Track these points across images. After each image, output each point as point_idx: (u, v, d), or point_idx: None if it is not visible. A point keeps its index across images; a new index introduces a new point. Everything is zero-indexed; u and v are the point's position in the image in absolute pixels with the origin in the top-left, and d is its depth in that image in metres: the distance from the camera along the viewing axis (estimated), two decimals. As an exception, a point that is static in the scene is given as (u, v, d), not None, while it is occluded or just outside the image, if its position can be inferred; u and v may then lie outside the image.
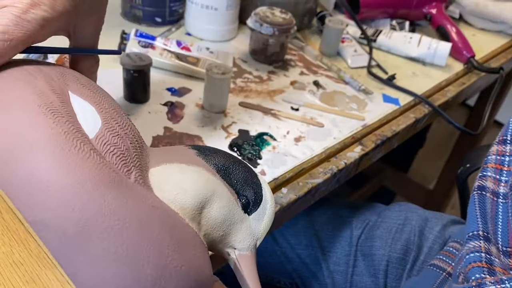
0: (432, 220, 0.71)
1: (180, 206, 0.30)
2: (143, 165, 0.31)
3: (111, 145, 0.30)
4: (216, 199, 0.32)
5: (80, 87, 0.33)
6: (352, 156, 0.64)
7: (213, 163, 0.33)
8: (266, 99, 0.71)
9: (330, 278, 0.71)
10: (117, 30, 0.76)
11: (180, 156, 0.33)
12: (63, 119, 0.28)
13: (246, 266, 0.33)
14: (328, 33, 0.84)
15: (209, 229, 0.32)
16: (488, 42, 1.02)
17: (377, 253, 0.69)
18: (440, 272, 0.60)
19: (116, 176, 0.28)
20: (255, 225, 0.34)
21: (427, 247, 0.68)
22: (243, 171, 0.34)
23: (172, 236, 0.28)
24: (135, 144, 0.31)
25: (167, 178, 0.31)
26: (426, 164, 1.79)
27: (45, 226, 0.26)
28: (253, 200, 0.34)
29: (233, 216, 0.33)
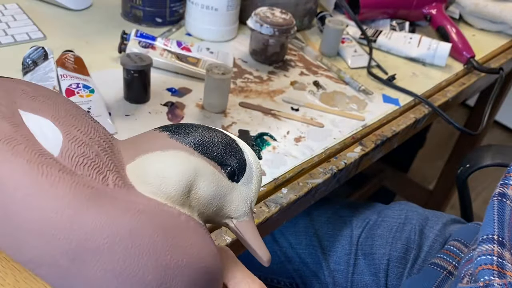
0: (432, 219, 0.71)
1: (166, 196, 0.30)
2: (118, 165, 0.30)
3: (79, 156, 0.28)
4: (201, 178, 0.31)
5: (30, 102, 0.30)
6: (352, 156, 0.64)
7: (188, 142, 0.32)
8: (266, 99, 0.71)
9: (330, 278, 0.71)
10: (117, 30, 0.76)
11: (153, 143, 0.32)
12: (21, 146, 0.27)
13: (247, 232, 0.34)
14: (328, 34, 0.85)
15: (202, 208, 0.32)
16: (488, 42, 1.02)
17: (377, 252, 0.69)
18: (441, 271, 0.60)
19: (93, 191, 0.27)
20: (246, 190, 0.34)
21: (427, 245, 0.68)
22: (220, 141, 0.33)
23: (165, 234, 0.28)
24: (104, 146, 0.30)
25: (146, 171, 0.30)
26: (426, 164, 1.79)
27: (37, 264, 0.25)
28: (238, 167, 0.33)
29: (221, 189, 0.32)
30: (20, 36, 0.72)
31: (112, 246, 0.26)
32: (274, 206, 0.54)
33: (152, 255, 0.26)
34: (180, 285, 0.27)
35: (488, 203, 0.45)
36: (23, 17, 0.77)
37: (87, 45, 0.75)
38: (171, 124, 0.34)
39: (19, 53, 0.65)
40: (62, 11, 0.83)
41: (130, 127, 0.60)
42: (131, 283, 0.26)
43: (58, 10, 0.83)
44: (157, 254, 0.27)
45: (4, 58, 0.67)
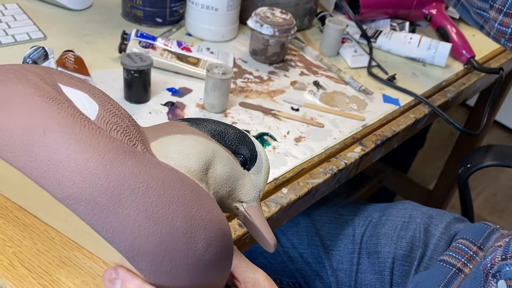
0: (436, 217, 0.72)
1: (187, 170, 0.33)
2: (144, 139, 0.33)
3: (112, 123, 0.31)
4: (218, 159, 0.35)
5: (67, 79, 0.34)
6: (352, 156, 0.64)
7: (206, 130, 0.36)
8: (267, 99, 0.71)
9: (333, 277, 0.71)
10: (117, 30, 0.76)
11: (174, 128, 0.35)
12: (64, 105, 0.30)
13: (255, 216, 0.37)
14: (328, 34, 0.85)
15: (217, 187, 0.35)
16: (488, 42, 1.02)
17: (382, 250, 0.70)
18: (450, 267, 0.61)
19: (127, 146, 0.30)
20: (255, 179, 0.37)
21: (433, 243, 0.69)
22: (234, 133, 0.37)
23: (191, 191, 0.30)
24: (133, 123, 0.33)
25: (169, 148, 0.33)
26: (426, 164, 1.79)
27: (75, 200, 0.27)
28: (249, 157, 0.37)
29: (235, 173, 0.36)
30: (21, 36, 0.72)
31: (147, 190, 0.28)
32: (274, 206, 0.54)
33: (181, 205, 0.29)
34: (203, 237, 0.29)
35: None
36: (24, 17, 0.77)
37: (87, 45, 0.75)
38: (190, 117, 0.38)
39: (19, 53, 0.65)
40: (62, 11, 0.83)
41: (130, 127, 0.60)
42: (162, 225, 0.28)
43: (59, 10, 0.83)
44: (185, 205, 0.29)
45: (4, 58, 0.68)
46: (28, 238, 0.33)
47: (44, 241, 0.33)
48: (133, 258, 0.28)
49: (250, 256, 0.74)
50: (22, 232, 0.33)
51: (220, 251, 0.31)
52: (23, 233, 0.33)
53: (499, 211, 1.81)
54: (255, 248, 0.73)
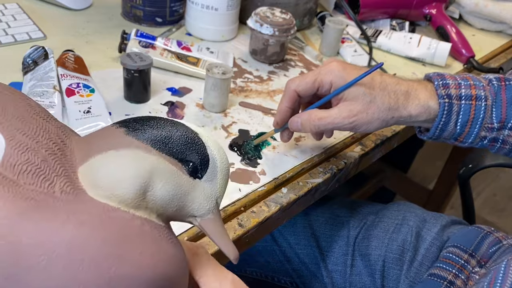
0: (430, 221, 0.70)
1: (119, 200, 0.28)
2: (68, 168, 0.28)
3: (22, 164, 0.26)
4: (157, 178, 0.29)
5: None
6: (352, 156, 0.64)
7: (145, 138, 0.30)
8: (266, 99, 0.71)
9: (329, 278, 0.71)
10: (117, 30, 0.76)
11: (107, 142, 0.30)
12: None
13: (211, 230, 0.32)
14: (328, 33, 0.85)
15: (160, 210, 0.30)
16: (487, 42, 1.02)
17: (373, 253, 0.69)
18: (441, 281, 0.59)
19: (31, 203, 0.25)
20: (210, 187, 0.32)
21: (424, 248, 0.67)
22: (180, 136, 0.31)
23: (111, 246, 0.26)
24: (53, 149, 0.28)
25: (98, 174, 0.28)
26: (426, 164, 1.79)
27: None
28: (200, 163, 0.31)
29: (181, 188, 0.30)
30: (20, 35, 0.72)
31: (48, 264, 0.24)
32: (274, 205, 0.54)
33: (93, 270, 0.25)
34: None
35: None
36: (24, 16, 0.77)
37: (87, 44, 0.75)
38: (130, 118, 0.32)
39: (19, 53, 0.66)
40: (62, 10, 0.83)
41: (130, 127, 0.60)
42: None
43: (59, 10, 0.83)
44: (99, 268, 0.25)
45: (4, 58, 0.68)
46: None
47: None
48: None
49: (248, 254, 0.74)
50: None
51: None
52: None
53: (499, 211, 1.81)
54: (253, 247, 0.73)
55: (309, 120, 0.53)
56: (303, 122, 0.54)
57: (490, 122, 0.53)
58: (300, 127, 0.55)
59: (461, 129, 0.53)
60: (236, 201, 0.53)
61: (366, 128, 0.53)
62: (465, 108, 0.53)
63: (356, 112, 0.52)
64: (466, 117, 0.53)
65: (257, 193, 0.55)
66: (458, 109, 0.53)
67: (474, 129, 0.53)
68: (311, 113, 0.54)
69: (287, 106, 0.56)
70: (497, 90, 0.54)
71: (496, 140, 0.55)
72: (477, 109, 0.53)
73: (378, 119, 0.52)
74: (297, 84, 0.55)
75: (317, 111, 0.54)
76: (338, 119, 0.52)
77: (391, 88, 0.53)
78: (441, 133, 0.54)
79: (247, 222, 0.51)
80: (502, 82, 0.54)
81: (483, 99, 0.53)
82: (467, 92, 0.53)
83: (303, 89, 0.54)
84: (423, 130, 0.58)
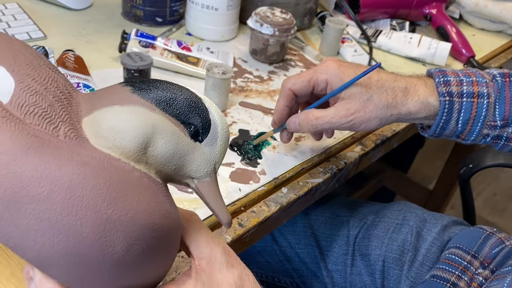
0: (430, 221, 0.70)
1: (121, 151, 0.29)
2: (73, 117, 0.29)
3: (29, 105, 0.28)
4: (159, 135, 0.30)
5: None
6: (352, 156, 0.64)
7: (150, 98, 0.31)
8: (267, 99, 0.71)
9: (329, 278, 0.71)
10: (118, 30, 0.76)
11: (113, 98, 0.31)
12: None
13: (207, 193, 0.33)
14: (328, 33, 0.85)
15: (159, 166, 0.31)
16: (488, 42, 1.02)
17: (373, 253, 0.69)
18: (444, 283, 0.59)
19: (36, 140, 0.26)
20: (209, 151, 0.33)
21: (425, 248, 0.67)
22: (184, 99, 0.32)
23: (109, 188, 0.27)
24: (60, 97, 0.29)
25: (102, 125, 0.29)
26: (426, 164, 1.79)
27: None
28: (201, 127, 0.32)
29: (182, 148, 0.31)
30: (21, 35, 0.72)
31: (49, 196, 0.25)
32: (274, 205, 0.54)
33: (92, 208, 0.26)
34: (122, 239, 0.27)
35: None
36: (24, 16, 0.78)
37: (87, 44, 0.75)
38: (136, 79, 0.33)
39: (19, 53, 0.65)
40: (62, 10, 0.83)
41: (130, 127, 0.60)
42: (68, 233, 0.26)
43: (59, 10, 0.83)
44: (98, 207, 0.26)
45: (4, 58, 0.67)
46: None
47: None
48: (40, 267, 0.26)
49: (248, 254, 0.74)
50: None
51: (149, 247, 0.29)
52: None
53: (499, 211, 1.81)
54: (253, 247, 0.73)
55: (306, 120, 0.53)
56: (300, 122, 0.54)
57: (492, 120, 0.53)
58: (298, 127, 0.55)
59: (462, 127, 0.53)
60: (236, 201, 0.53)
61: (365, 127, 0.53)
62: (466, 106, 0.52)
63: (353, 111, 0.52)
64: (468, 115, 0.52)
65: (257, 193, 0.55)
66: (459, 107, 0.52)
67: (476, 127, 0.53)
68: (308, 113, 0.54)
69: (284, 105, 0.56)
70: (501, 86, 0.53)
71: (500, 138, 0.54)
72: (479, 107, 0.52)
73: (377, 117, 0.52)
74: (292, 82, 0.55)
75: (314, 111, 0.54)
76: (335, 119, 0.52)
77: (389, 85, 0.52)
78: (442, 131, 0.54)
79: (247, 222, 0.51)
80: (507, 78, 0.54)
81: (486, 96, 0.52)
82: (469, 90, 0.52)
83: (299, 88, 0.55)
84: (425, 127, 0.57)
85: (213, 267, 0.33)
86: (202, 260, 0.33)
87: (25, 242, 0.25)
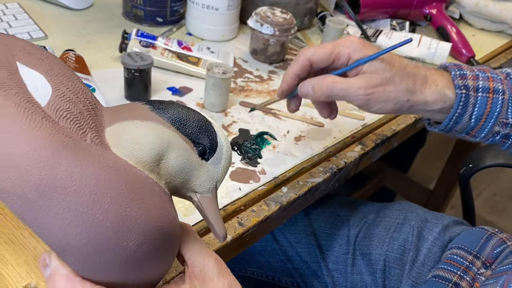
0: (431, 221, 0.70)
1: (137, 160, 0.32)
2: (98, 125, 0.33)
3: (63, 110, 0.31)
4: (172, 150, 0.34)
5: (28, 57, 0.34)
6: (352, 156, 0.64)
7: (166, 117, 0.35)
8: (267, 98, 0.71)
9: (329, 277, 0.71)
10: (118, 29, 0.76)
11: (134, 113, 0.34)
12: (12, 91, 0.30)
13: (208, 207, 0.36)
14: (328, 33, 0.85)
15: (169, 178, 0.34)
16: (488, 42, 1.02)
17: (374, 252, 0.69)
18: (446, 283, 0.59)
19: (70, 140, 0.29)
20: (213, 169, 0.36)
21: (426, 248, 0.67)
22: (197, 121, 0.36)
23: (129, 190, 0.30)
24: (88, 107, 0.33)
25: (123, 135, 0.33)
26: (426, 164, 1.79)
27: (7, 194, 0.28)
28: (209, 147, 0.36)
29: (190, 164, 0.35)
30: (22, 35, 0.73)
31: (78, 190, 0.28)
32: (274, 204, 0.54)
33: (114, 205, 0.29)
34: (135, 237, 0.30)
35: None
36: (24, 16, 0.78)
37: (88, 44, 0.75)
38: (154, 100, 0.37)
39: (20, 52, 0.66)
40: (63, 10, 0.83)
41: (130, 126, 0.60)
42: (91, 224, 0.29)
43: (59, 10, 0.83)
44: (118, 205, 0.29)
45: (5, 57, 0.68)
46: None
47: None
48: (61, 253, 0.29)
49: (248, 254, 0.74)
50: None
51: (156, 248, 0.31)
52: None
53: (499, 211, 1.81)
54: (253, 247, 0.73)
55: (322, 84, 0.50)
56: (315, 86, 0.51)
57: (505, 117, 0.52)
58: (310, 91, 0.52)
59: (475, 123, 0.52)
60: (236, 200, 0.53)
61: (379, 108, 0.51)
62: (481, 100, 0.51)
63: (374, 84, 0.49)
64: (482, 110, 0.51)
65: (257, 192, 0.55)
66: (474, 101, 0.51)
67: (489, 123, 0.52)
68: (326, 77, 0.51)
69: (296, 73, 0.53)
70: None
71: (508, 137, 0.54)
72: (494, 102, 0.51)
73: (394, 99, 0.50)
74: (312, 52, 0.52)
75: (332, 76, 0.51)
76: (354, 88, 0.49)
77: (410, 69, 0.51)
78: (455, 125, 0.53)
79: (247, 221, 0.52)
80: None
81: (501, 92, 0.51)
82: (485, 84, 0.51)
83: (318, 59, 0.52)
84: (433, 122, 0.56)
85: (205, 276, 0.36)
86: (195, 268, 0.36)
87: (52, 228, 0.28)
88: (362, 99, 0.50)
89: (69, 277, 0.30)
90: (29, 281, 0.31)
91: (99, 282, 0.30)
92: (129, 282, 0.31)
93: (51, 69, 0.34)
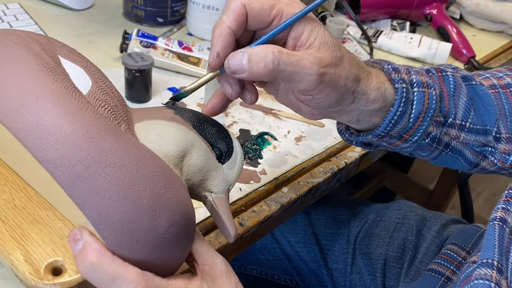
0: (430, 220, 0.71)
1: (164, 154, 0.35)
2: (129, 120, 0.35)
3: (102, 100, 0.33)
4: (195, 149, 0.37)
5: (68, 53, 0.36)
6: (352, 156, 0.64)
7: (189, 120, 0.38)
8: (267, 99, 0.71)
9: (329, 277, 0.71)
10: (119, 30, 0.76)
11: (159, 114, 0.37)
12: (60, 77, 0.32)
13: (222, 206, 0.39)
14: (329, 34, 0.85)
15: (189, 175, 0.37)
16: (488, 42, 1.02)
17: (374, 251, 0.69)
18: (439, 276, 0.59)
19: (111, 124, 0.32)
20: (227, 173, 0.39)
21: (424, 247, 0.67)
22: (215, 127, 0.39)
23: (163, 174, 0.32)
24: (121, 102, 0.36)
25: (150, 131, 0.35)
26: (426, 165, 1.79)
27: (55, 164, 0.29)
28: (225, 151, 0.39)
29: (209, 164, 0.38)
30: (22, 35, 0.73)
31: (121, 166, 0.30)
32: (274, 205, 0.54)
33: (151, 185, 0.31)
34: (166, 217, 0.32)
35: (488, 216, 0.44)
36: (25, 16, 0.78)
37: (88, 44, 0.75)
38: (178, 106, 0.40)
39: (21, 53, 0.66)
40: (64, 10, 0.83)
41: (131, 126, 0.60)
42: (129, 200, 0.30)
43: (60, 10, 0.83)
44: (155, 185, 0.31)
45: (6, 58, 0.68)
46: (7, 192, 0.35)
47: (22, 198, 0.35)
48: (98, 226, 0.30)
49: (248, 251, 0.74)
50: (2, 187, 0.35)
51: (181, 232, 0.33)
52: (3, 187, 0.35)
53: (500, 211, 1.81)
54: (253, 245, 0.74)
55: (265, 53, 0.36)
56: (252, 56, 0.37)
57: (438, 115, 0.45)
58: (245, 64, 0.37)
59: (413, 123, 0.43)
60: (237, 200, 0.53)
61: (324, 97, 0.40)
62: (418, 96, 0.43)
63: (326, 63, 0.38)
64: (421, 107, 0.43)
65: (258, 192, 0.55)
66: (412, 97, 0.43)
67: (425, 122, 0.44)
68: (267, 46, 0.37)
69: (230, 27, 0.38)
70: (439, 80, 0.46)
71: (433, 140, 0.47)
72: (430, 98, 0.43)
73: (342, 87, 0.39)
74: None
75: (277, 46, 0.37)
76: (307, 62, 0.37)
77: (353, 56, 0.41)
78: (393, 128, 0.43)
79: (248, 221, 0.52)
80: (439, 73, 0.47)
81: (433, 87, 0.44)
82: (418, 78, 0.44)
83: (259, 7, 0.38)
84: (353, 130, 0.47)
85: (215, 273, 0.36)
86: (205, 266, 0.37)
87: (93, 200, 0.30)
88: (314, 80, 0.38)
89: (101, 251, 0.30)
90: (55, 258, 0.32)
91: (127, 259, 0.31)
92: (153, 263, 0.33)
93: (89, 65, 0.36)
